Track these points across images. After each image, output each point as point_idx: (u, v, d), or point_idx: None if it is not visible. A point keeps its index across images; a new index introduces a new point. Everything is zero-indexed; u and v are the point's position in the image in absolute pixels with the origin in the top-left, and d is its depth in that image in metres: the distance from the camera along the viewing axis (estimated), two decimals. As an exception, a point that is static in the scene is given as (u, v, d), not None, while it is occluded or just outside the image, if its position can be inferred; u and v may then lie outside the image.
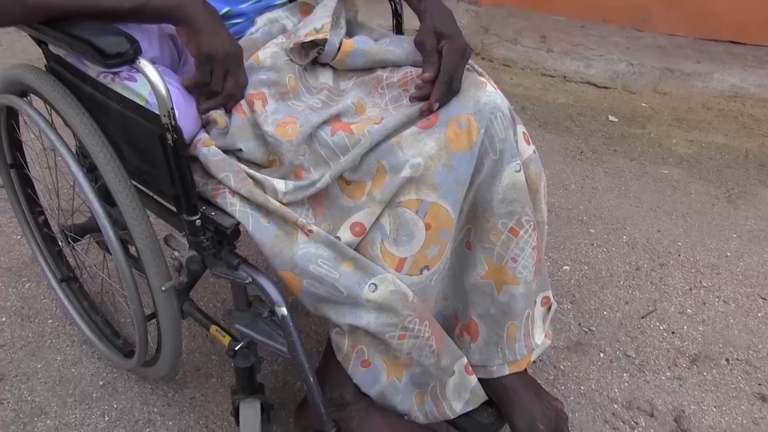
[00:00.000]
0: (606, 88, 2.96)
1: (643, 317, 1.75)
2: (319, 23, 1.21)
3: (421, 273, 1.12)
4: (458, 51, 1.12)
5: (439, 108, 1.12)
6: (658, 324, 1.73)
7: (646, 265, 1.93)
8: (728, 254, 1.98)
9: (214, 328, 1.28)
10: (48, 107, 1.25)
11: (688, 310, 1.77)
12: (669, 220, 2.11)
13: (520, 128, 1.20)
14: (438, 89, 1.10)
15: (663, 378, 1.58)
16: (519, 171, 1.16)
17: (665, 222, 2.11)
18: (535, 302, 1.33)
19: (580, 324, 1.73)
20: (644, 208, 2.17)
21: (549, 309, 1.37)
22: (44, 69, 1.30)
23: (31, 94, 1.31)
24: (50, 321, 1.72)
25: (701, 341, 1.68)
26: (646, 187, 2.28)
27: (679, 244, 2.01)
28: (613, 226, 2.08)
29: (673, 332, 1.71)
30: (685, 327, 1.72)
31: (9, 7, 1.06)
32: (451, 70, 1.11)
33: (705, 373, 1.60)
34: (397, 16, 1.42)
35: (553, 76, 3.04)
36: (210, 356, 1.62)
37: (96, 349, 1.60)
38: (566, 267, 1.92)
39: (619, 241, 2.02)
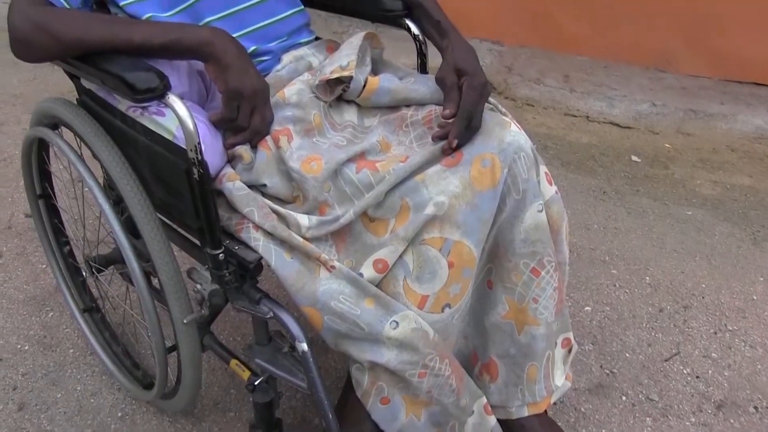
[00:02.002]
0: (629, 128, 2.95)
1: (666, 360, 1.72)
2: (344, 61, 1.23)
3: (442, 311, 1.12)
4: (477, 87, 1.13)
5: (460, 146, 1.12)
6: (681, 368, 1.70)
7: (669, 307, 1.90)
8: (754, 297, 1.95)
9: (234, 362, 1.28)
10: (78, 140, 1.27)
11: (713, 354, 1.74)
12: (693, 262, 2.09)
13: (543, 168, 1.20)
14: (456, 126, 1.11)
15: (687, 424, 1.55)
16: (541, 211, 1.16)
17: (689, 264, 2.08)
18: (556, 343, 1.32)
19: (601, 366, 1.70)
20: (667, 249, 2.15)
21: (570, 350, 1.36)
22: (76, 102, 1.33)
23: (62, 127, 1.33)
24: (71, 351, 1.73)
25: (727, 387, 1.65)
26: (670, 228, 2.26)
27: (704, 286, 1.99)
28: (635, 267, 2.06)
29: (697, 376, 1.68)
30: (710, 371, 1.69)
31: (45, 42, 1.10)
32: (470, 107, 1.11)
33: (732, 421, 1.56)
34: (422, 55, 1.43)
35: (576, 116, 3.05)
36: (229, 390, 1.61)
37: (116, 380, 1.60)
38: (588, 308, 1.90)
39: (641, 282, 2.00)
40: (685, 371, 1.69)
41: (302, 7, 1.40)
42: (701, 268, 2.06)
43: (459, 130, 1.11)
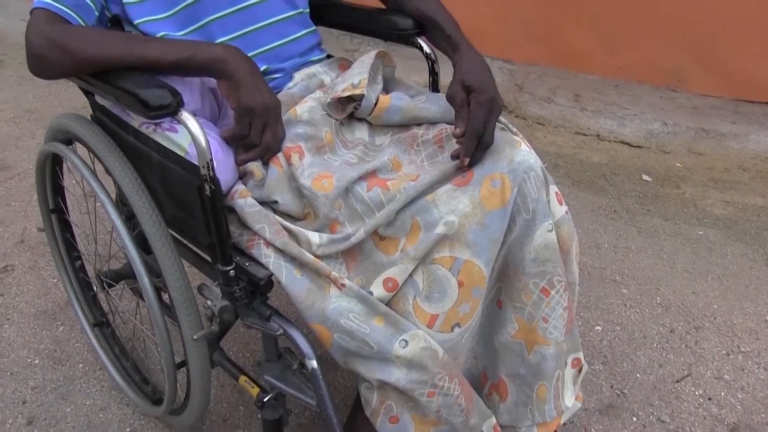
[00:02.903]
0: (640, 147, 2.95)
1: (677, 381, 1.71)
2: (356, 79, 1.24)
3: (452, 330, 1.11)
4: (485, 103, 1.12)
5: (473, 164, 1.12)
6: (693, 389, 1.69)
7: (680, 328, 1.89)
8: (767, 319, 1.93)
9: (243, 378, 1.28)
10: (91, 155, 1.28)
11: (726, 376, 1.73)
12: (704, 282, 2.08)
13: (553, 188, 1.20)
14: (466, 144, 1.11)
15: (699, 446, 1.54)
16: (551, 231, 1.16)
17: (700, 284, 2.07)
18: (566, 363, 1.31)
19: (612, 386, 1.69)
20: (678, 269, 2.14)
21: (580, 371, 1.35)
22: (90, 118, 1.34)
23: (76, 142, 1.35)
24: (81, 365, 1.73)
25: (740, 410, 1.63)
26: (681, 248, 2.25)
27: (715, 306, 1.97)
28: (646, 287, 2.05)
29: (709, 398, 1.66)
30: (722, 393, 1.68)
31: (61, 59, 1.11)
32: (479, 124, 1.10)
33: (744, 443, 1.55)
34: (433, 74, 1.44)
35: (586, 135, 3.05)
36: (237, 407, 1.61)
37: (125, 395, 1.60)
38: (598, 327, 1.89)
39: (652, 302, 1.99)
40: (697, 393, 1.68)
41: (314, 27, 1.41)
42: (713, 289, 2.05)
43: (469, 149, 1.11)
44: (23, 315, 1.90)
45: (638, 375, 1.73)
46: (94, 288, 1.66)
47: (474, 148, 1.11)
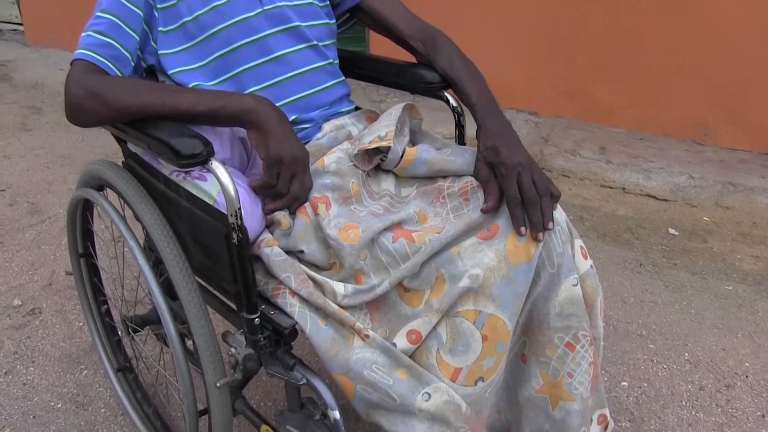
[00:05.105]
0: (666, 200, 2.93)
1: (707, 442, 1.67)
2: (383, 131, 1.25)
3: (475, 384, 1.10)
4: (512, 172, 1.13)
5: (536, 224, 1.10)
6: (724, 451, 1.64)
7: (710, 386, 1.85)
8: (800, 379, 1.88)
9: (264, 427, 1.27)
10: (121, 201, 1.31)
11: (759, 439, 1.68)
12: (734, 339, 2.04)
13: (578, 242, 1.20)
14: (515, 216, 1.10)
15: None
16: (576, 285, 1.15)
17: (730, 341, 2.03)
18: (592, 420, 1.28)
19: (639, 445, 1.65)
20: (707, 325, 2.10)
21: (606, 427, 1.32)
22: (121, 165, 1.37)
23: (107, 188, 1.37)
24: (103, 410, 1.73)
25: (773, 473, 1.58)
26: (709, 304, 2.21)
27: (747, 365, 1.93)
28: (673, 342, 2.02)
29: (741, 461, 1.61)
30: (754, 456, 1.63)
31: (98, 109, 1.15)
32: (514, 191, 1.11)
33: None
34: (460, 127, 1.45)
35: (612, 188, 3.04)
36: (257, 456, 1.60)
37: (145, 441, 1.60)
38: (624, 383, 1.85)
39: (680, 358, 1.95)
40: (727, 454, 1.63)
41: (343, 78, 1.44)
42: (744, 346, 2.00)
43: (519, 217, 1.10)
44: (48, 358, 1.91)
45: (666, 434, 1.69)
46: (119, 333, 1.68)
47: (522, 213, 1.11)
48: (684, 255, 2.50)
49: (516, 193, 1.11)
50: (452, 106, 1.42)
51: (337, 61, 1.44)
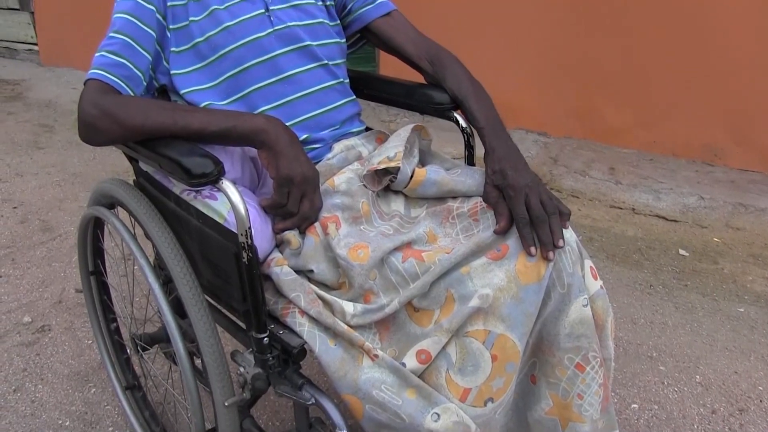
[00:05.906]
0: (676, 221, 2.92)
1: (719, 466, 1.64)
2: (392, 152, 1.26)
3: (485, 405, 1.09)
4: (519, 194, 1.13)
5: (546, 242, 1.10)
6: (736, 475, 1.62)
7: (722, 409, 1.83)
8: (813, 403, 1.86)
9: (272, 448, 1.26)
10: (132, 219, 1.32)
11: (772, 463, 1.66)
12: (747, 362, 2.02)
13: (588, 263, 1.19)
14: (524, 236, 1.10)
15: None
16: (586, 306, 1.15)
17: (743, 363, 2.01)
18: (603, 442, 1.27)
19: (650, 469, 1.63)
20: (719, 347, 2.08)
21: (617, 451, 1.31)
22: (132, 183, 1.38)
23: (118, 206, 1.38)
24: (111, 429, 1.73)
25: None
26: (721, 325, 2.19)
27: (761, 388, 1.91)
28: (685, 365, 2.00)
29: (753, 485, 1.59)
30: (767, 481, 1.61)
31: (110, 128, 1.16)
32: (522, 212, 1.12)
33: None
34: (469, 147, 1.46)
35: (621, 208, 3.03)
36: (264, 476, 1.59)
37: (152, 460, 1.59)
38: (635, 405, 1.84)
39: (691, 380, 1.93)
40: (739, 479, 1.61)
41: (354, 97, 1.45)
42: (757, 369, 1.98)
43: (529, 238, 1.10)
44: (57, 375, 1.92)
45: (677, 457, 1.67)
46: (128, 351, 1.68)
47: (532, 233, 1.11)
48: (694, 276, 2.49)
49: (524, 213, 1.12)
50: (461, 126, 1.43)
51: (348, 80, 1.45)
